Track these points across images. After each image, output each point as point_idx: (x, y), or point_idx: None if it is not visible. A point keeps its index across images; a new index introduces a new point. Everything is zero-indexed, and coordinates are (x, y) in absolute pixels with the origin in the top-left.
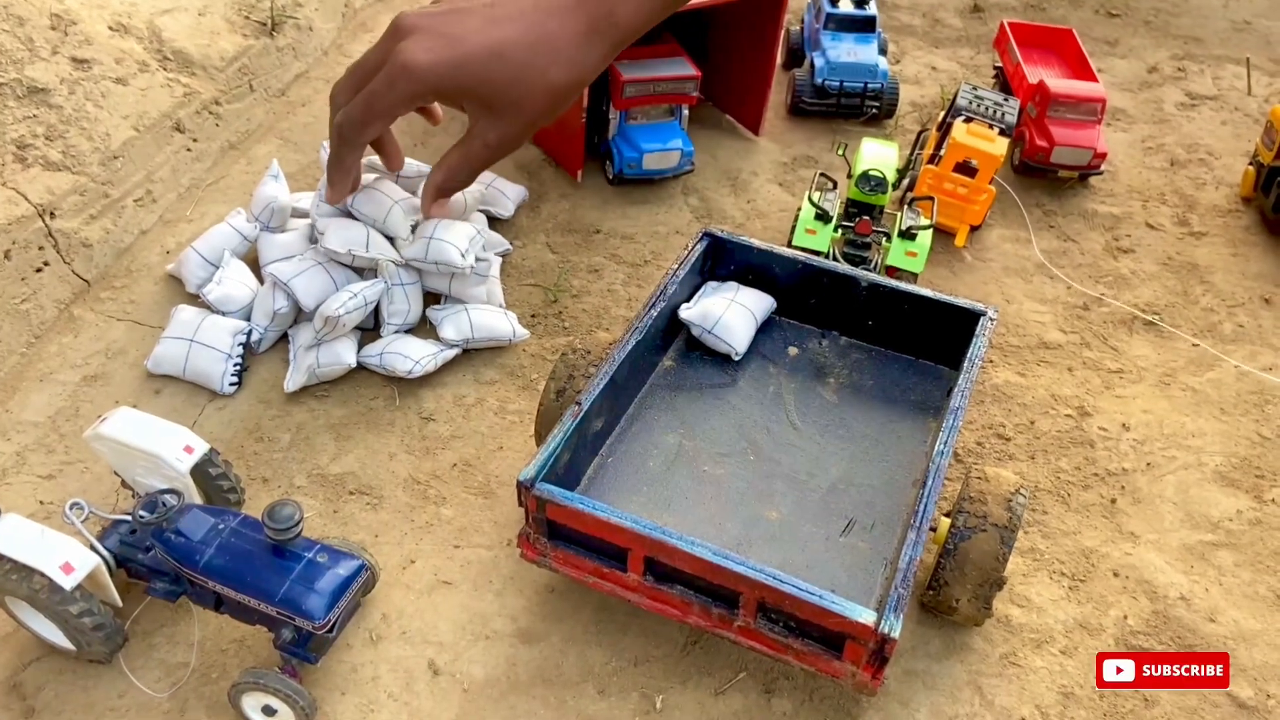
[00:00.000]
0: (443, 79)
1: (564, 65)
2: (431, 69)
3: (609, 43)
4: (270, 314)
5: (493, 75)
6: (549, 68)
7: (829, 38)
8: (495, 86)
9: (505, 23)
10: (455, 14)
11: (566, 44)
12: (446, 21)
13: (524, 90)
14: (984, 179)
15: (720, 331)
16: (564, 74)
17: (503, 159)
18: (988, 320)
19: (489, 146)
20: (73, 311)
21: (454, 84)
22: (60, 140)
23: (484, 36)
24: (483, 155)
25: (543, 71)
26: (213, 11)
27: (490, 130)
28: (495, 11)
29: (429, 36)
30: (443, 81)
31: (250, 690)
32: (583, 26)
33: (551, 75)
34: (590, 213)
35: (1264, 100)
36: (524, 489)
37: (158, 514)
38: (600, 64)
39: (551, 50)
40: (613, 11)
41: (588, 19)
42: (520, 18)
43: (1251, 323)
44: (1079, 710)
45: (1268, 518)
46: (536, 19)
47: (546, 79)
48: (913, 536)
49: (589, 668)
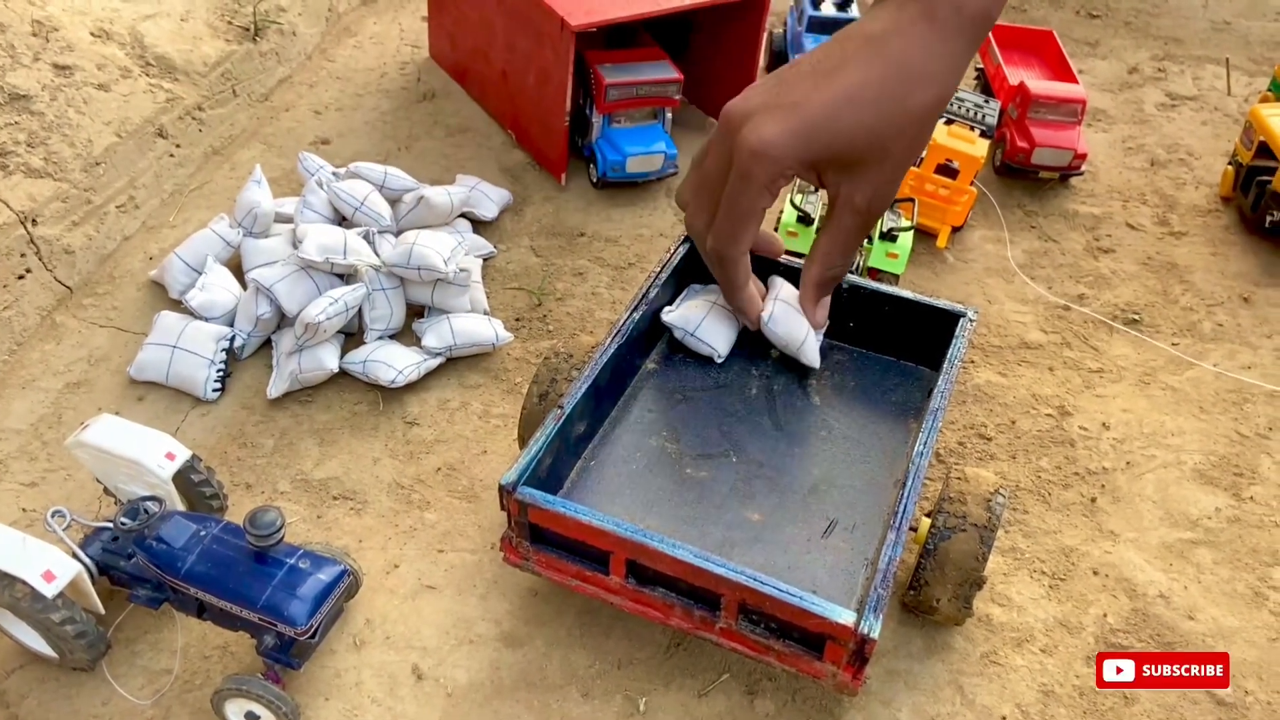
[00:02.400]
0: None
1: (923, 86)
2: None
3: (967, 38)
4: (253, 319)
5: (848, 131)
6: (906, 96)
7: (811, 40)
8: (853, 141)
9: (840, 70)
10: (783, 84)
11: (918, 61)
12: (778, 94)
13: (884, 133)
14: (965, 180)
15: (702, 334)
16: (926, 94)
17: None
18: (968, 321)
19: (859, 212)
20: (55, 318)
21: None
22: (42, 147)
23: (825, 94)
24: (857, 224)
25: (900, 103)
26: (195, 17)
27: (857, 193)
28: (825, 64)
29: (767, 113)
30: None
31: (233, 696)
32: (929, 33)
33: (911, 103)
34: (574, 216)
35: (1243, 100)
36: (506, 493)
37: (139, 521)
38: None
39: (903, 76)
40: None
41: (930, 23)
42: (855, 56)
43: (1231, 322)
44: (1059, 709)
45: (1246, 516)
46: (872, 51)
47: (906, 109)
48: (893, 537)
49: (572, 671)
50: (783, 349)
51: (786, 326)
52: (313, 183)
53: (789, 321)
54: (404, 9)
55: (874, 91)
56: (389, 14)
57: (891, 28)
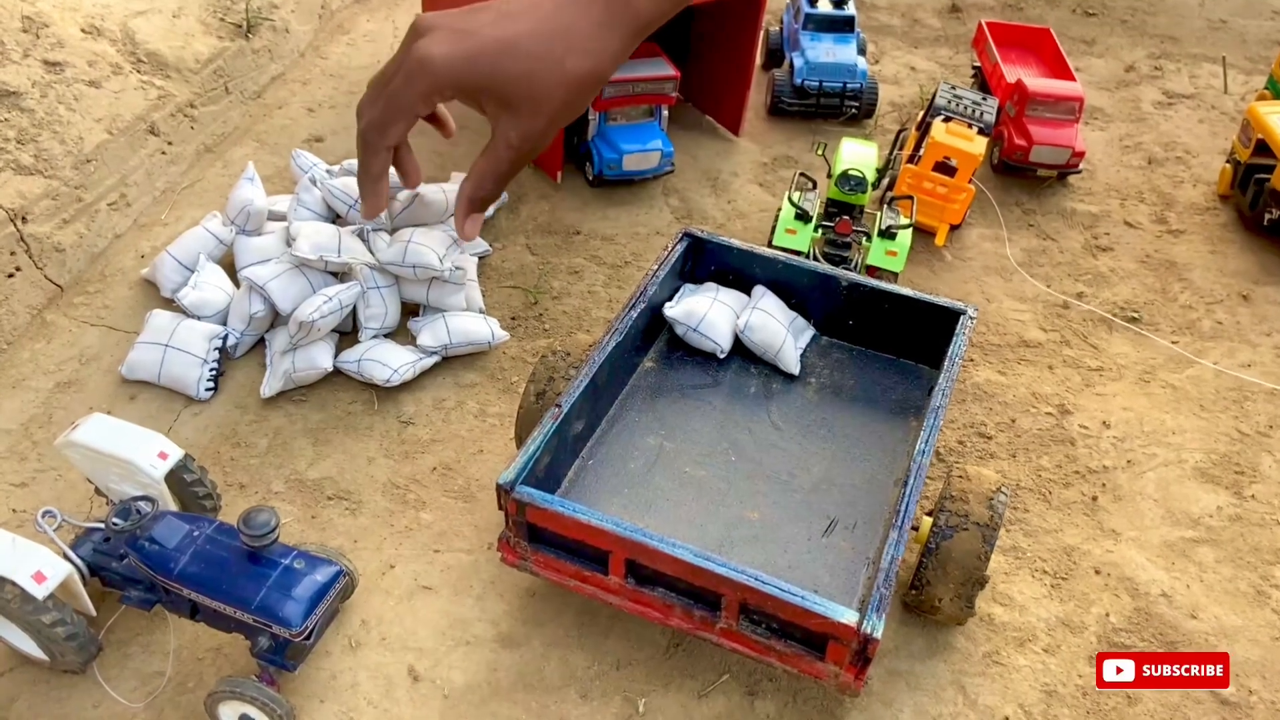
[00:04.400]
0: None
1: (580, 55)
2: (446, 62)
3: (628, 31)
4: (246, 318)
5: (507, 68)
6: (564, 58)
7: (808, 38)
8: (510, 79)
9: (519, 16)
10: (470, 11)
11: (582, 34)
12: (461, 18)
13: (540, 83)
14: (963, 178)
15: (705, 329)
16: (581, 64)
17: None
18: (968, 319)
19: (512, 147)
20: (45, 317)
21: (470, 77)
22: (32, 144)
23: (497, 30)
24: (508, 157)
25: (558, 62)
26: (187, 13)
27: (511, 129)
28: (510, 6)
29: (444, 32)
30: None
31: (227, 699)
32: (599, 15)
33: (568, 66)
34: (570, 214)
35: (1240, 98)
36: (504, 492)
37: (131, 521)
38: (620, 54)
39: (566, 41)
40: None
41: (604, 8)
42: (534, 9)
43: (1230, 320)
44: (1062, 708)
45: (1247, 514)
46: (550, 10)
47: (563, 69)
48: (895, 536)
49: (571, 672)
50: (760, 355)
51: (763, 334)
52: (306, 180)
53: (766, 329)
54: (398, 6)
55: (539, 46)
56: (382, 11)
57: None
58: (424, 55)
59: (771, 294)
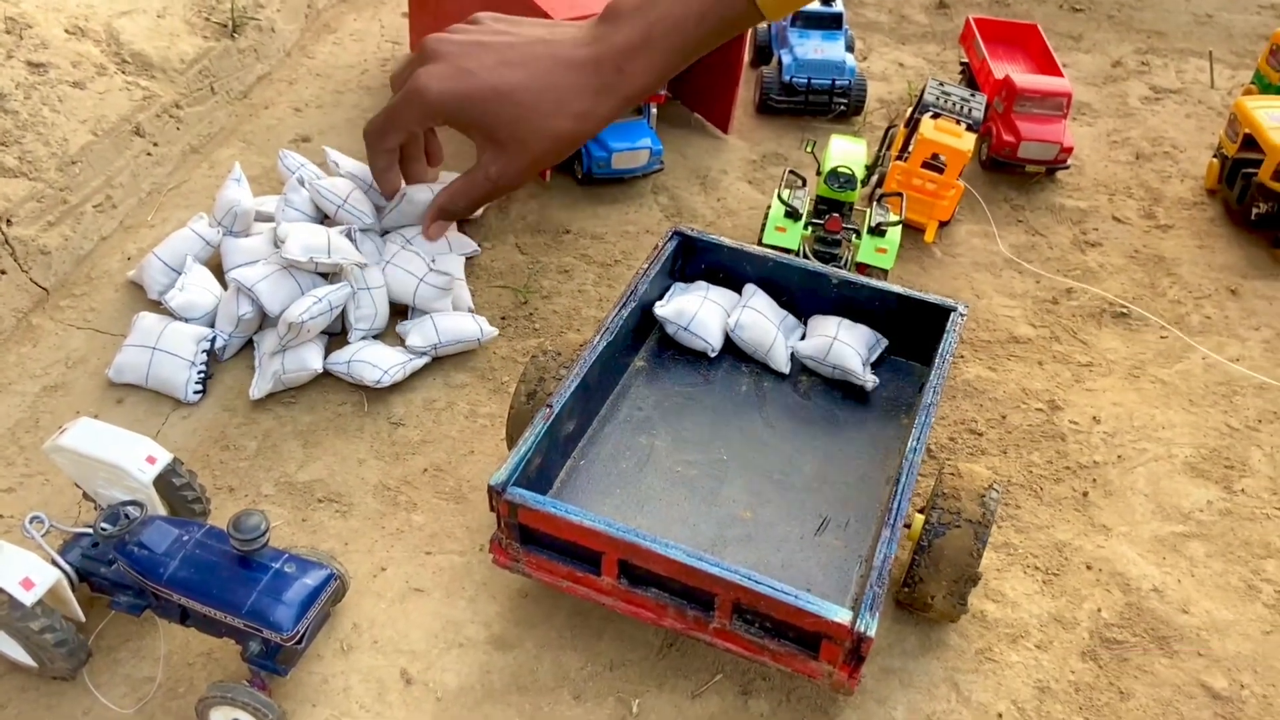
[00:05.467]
0: (450, 109)
1: (568, 117)
2: (440, 99)
3: (618, 100)
4: (234, 320)
5: (497, 112)
6: (552, 115)
7: (796, 35)
8: (500, 123)
9: (518, 66)
10: (474, 46)
11: (574, 98)
12: (464, 54)
13: (527, 132)
14: (952, 174)
15: (695, 328)
16: (568, 125)
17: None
18: (958, 316)
19: (490, 179)
20: (31, 320)
21: (461, 115)
22: (16, 146)
23: (495, 77)
24: (484, 186)
25: (546, 117)
26: (172, 13)
27: (493, 163)
28: (510, 54)
29: (446, 66)
30: (450, 111)
31: (218, 704)
32: (593, 82)
33: (555, 124)
34: (559, 213)
35: (1227, 93)
36: (495, 493)
37: (120, 526)
38: (606, 119)
39: (557, 101)
40: (622, 69)
41: (598, 76)
42: (533, 63)
43: (1218, 314)
44: (1055, 704)
45: (1238, 508)
46: (548, 67)
47: (550, 125)
48: (887, 534)
49: (564, 673)
50: (751, 354)
51: (754, 332)
52: (294, 180)
53: (757, 327)
54: (384, 5)
55: (530, 99)
56: (369, 10)
57: (569, 58)
58: (423, 87)
59: (762, 292)
